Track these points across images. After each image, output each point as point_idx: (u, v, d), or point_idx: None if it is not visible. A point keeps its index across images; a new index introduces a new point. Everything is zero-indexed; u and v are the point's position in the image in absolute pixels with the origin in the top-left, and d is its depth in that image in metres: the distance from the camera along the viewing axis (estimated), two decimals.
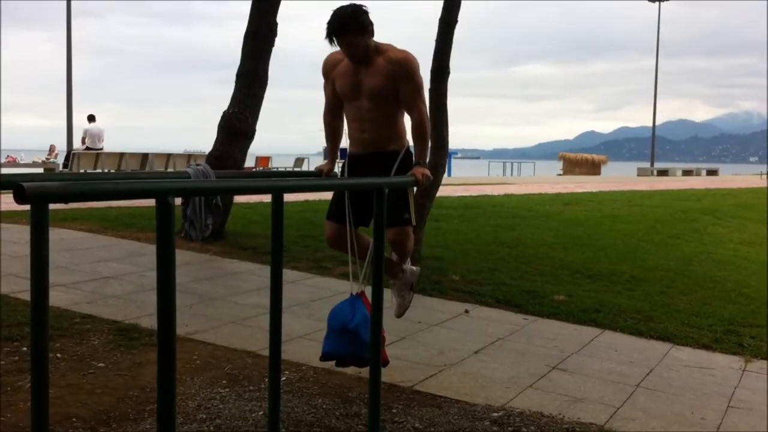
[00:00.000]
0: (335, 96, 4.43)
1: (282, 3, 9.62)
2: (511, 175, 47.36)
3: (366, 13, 4.11)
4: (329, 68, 4.41)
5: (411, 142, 4.47)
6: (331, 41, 4.13)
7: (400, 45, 4.31)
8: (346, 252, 4.37)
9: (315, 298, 6.80)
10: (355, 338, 3.95)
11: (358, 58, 4.18)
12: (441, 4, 8.77)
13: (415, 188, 4.41)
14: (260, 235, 9.49)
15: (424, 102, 4.41)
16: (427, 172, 4.33)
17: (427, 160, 4.44)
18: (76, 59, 28.40)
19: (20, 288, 6.11)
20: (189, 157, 25.07)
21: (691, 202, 20.96)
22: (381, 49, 4.23)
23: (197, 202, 3.42)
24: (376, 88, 4.23)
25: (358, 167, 4.43)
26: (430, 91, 8.62)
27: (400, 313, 4.81)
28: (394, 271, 4.69)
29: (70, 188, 2.23)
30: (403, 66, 4.21)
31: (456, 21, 8.77)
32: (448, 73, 8.72)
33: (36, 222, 2.12)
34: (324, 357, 4.18)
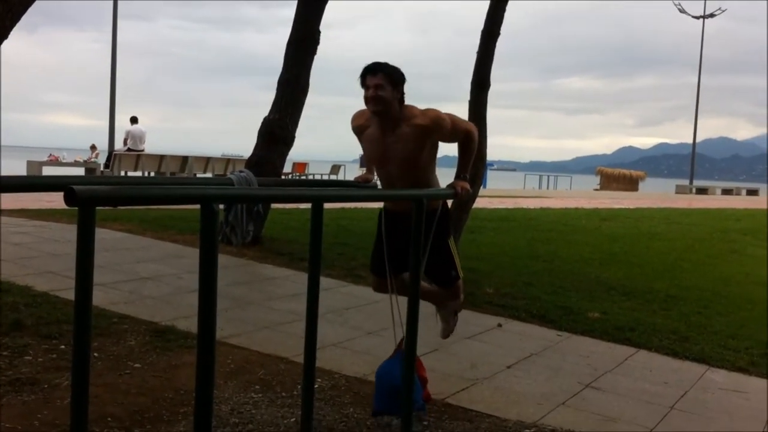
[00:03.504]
0: None
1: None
2: (548, 188, 47.13)
3: (404, 76, 4.13)
4: (357, 130, 4.40)
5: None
6: (363, 81, 4.10)
7: (441, 53, 4.29)
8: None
9: (349, 306, 6.82)
10: None
11: (380, 106, 4.09)
12: (483, 14, 8.78)
13: (452, 200, 4.42)
14: (296, 241, 9.55)
15: (465, 123, 4.41)
16: (467, 185, 4.34)
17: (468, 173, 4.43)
18: (122, 61, 28.87)
19: (60, 286, 6.21)
20: (228, 161, 25.31)
21: (730, 221, 20.71)
22: (406, 116, 4.16)
23: (239, 208, 3.45)
24: (403, 156, 4.18)
25: (395, 225, 4.37)
26: (470, 102, 8.63)
27: (445, 336, 4.99)
28: (440, 301, 4.75)
29: (119, 192, 2.27)
30: (435, 123, 4.15)
31: (498, 33, 8.77)
32: (489, 85, 8.72)
33: (83, 224, 2.16)
34: (375, 414, 4.18)
